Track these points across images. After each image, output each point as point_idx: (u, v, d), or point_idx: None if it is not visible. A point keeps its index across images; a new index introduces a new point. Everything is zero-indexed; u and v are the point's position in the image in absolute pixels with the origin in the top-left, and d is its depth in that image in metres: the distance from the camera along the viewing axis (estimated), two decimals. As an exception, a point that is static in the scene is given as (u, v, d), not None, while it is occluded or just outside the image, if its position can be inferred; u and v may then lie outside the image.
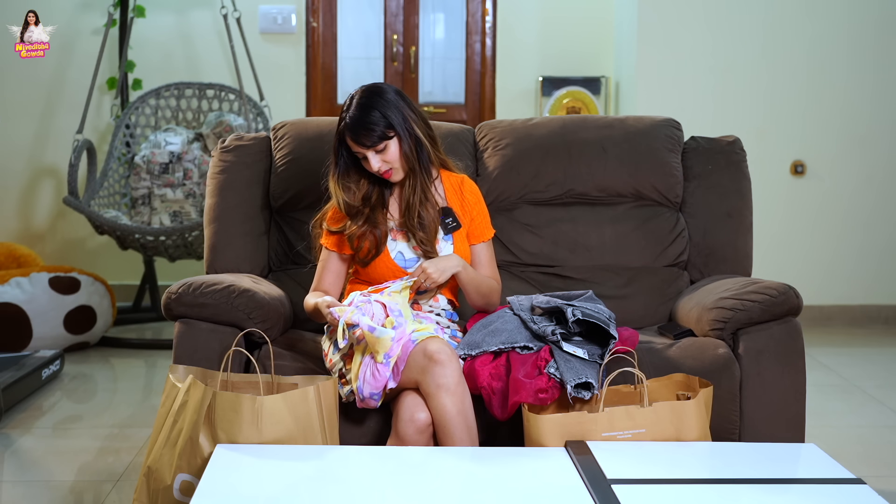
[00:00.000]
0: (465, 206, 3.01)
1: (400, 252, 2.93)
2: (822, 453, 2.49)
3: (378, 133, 2.82)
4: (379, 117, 2.82)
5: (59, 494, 3.29)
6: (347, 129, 2.85)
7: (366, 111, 2.83)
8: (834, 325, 5.89)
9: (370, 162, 2.85)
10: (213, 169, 3.40)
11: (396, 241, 2.94)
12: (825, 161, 5.82)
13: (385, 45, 6.16)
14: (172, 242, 5.24)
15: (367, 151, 2.84)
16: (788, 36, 5.75)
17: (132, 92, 5.93)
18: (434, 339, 2.68)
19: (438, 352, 2.62)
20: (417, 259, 2.93)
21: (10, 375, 4.22)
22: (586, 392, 2.63)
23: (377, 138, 2.82)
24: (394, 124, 2.84)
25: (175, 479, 2.56)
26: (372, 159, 2.85)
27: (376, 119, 2.82)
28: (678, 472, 2.35)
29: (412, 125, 2.88)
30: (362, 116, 2.83)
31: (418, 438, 2.60)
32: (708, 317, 2.99)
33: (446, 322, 2.95)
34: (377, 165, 2.85)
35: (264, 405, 2.51)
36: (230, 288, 2.91)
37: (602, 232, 3.41)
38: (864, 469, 3.44)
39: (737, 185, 3.45)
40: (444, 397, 2.58)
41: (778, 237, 5.76)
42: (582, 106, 6.01)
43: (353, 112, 2.84)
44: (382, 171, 2.87)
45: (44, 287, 5.03)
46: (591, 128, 3.51)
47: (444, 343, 2.67)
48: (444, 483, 2.32)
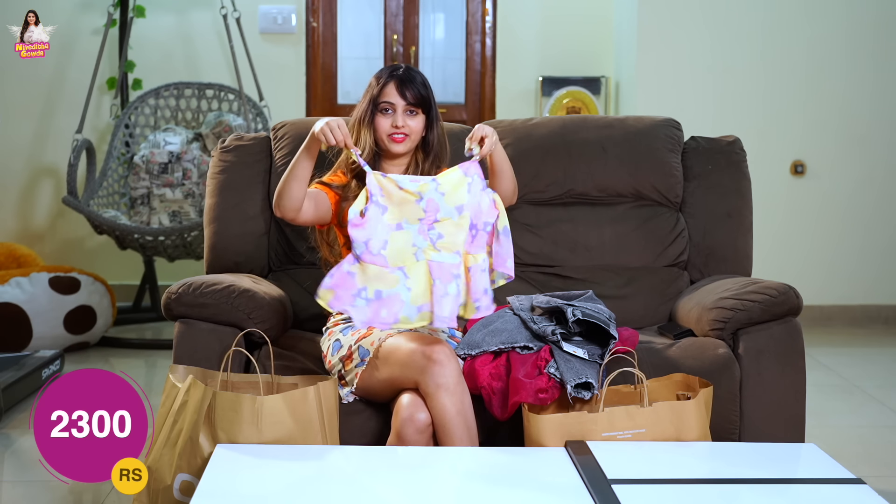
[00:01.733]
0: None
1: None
2: (822, 453, 2.49)
3: (422, 95, 2.86)
4: (425, 86, 2.88)
5: (59, 494, 3.29)
6: (395, 77, 2.86)
7: (418, 76, 2.89)
8: (834, 325, 5.89)
9: (398, 116, 2.85)
10: (213, 169, 3.40)
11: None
12: (825, 161, 5.82)
13: (385, 45, 6.16)
14: (171, 242, 5.24)
15: (401, 106, 2.85)
16: (788, 36, 5.75)
17: (132, 92, 5.93)
18: (432, 338, 2.68)
19: (437, 351, 2.62)
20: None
21: (10, 375, 4.22)
22: (586, 392, 2.63)
23: (418, 100, 2.85)
24: (432, 105, 2.90)
25: (175, 478, 2.56)
26: (400, 115, 2.85)
27: (425, 86, 2.88)
28: (678, 472, 2.35)
29: (439, 122, 2.94)
30: (414, 76, 2.87)
31: (418, 438, 2.60)
32: (708, 317, 2.99)
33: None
34: (402, 122, 2.85)
35: (264, 405, 2.51)
36: (230, 288, 2.91)
37: (602, 232, 3.41)
38: (864, 469, 3.44)
39: (737, 185, 3.45)
40: (443, 397, 2.58)
41: (778, 237, 5.76)
42: (582, 106, 6.01)
43: (405, 70, 2.88)
44: (401, 129, 2.85)
45: (44, 287, 5.02)
46: (591, 128, 3.51)
47: (443, 343, 2.67)
48: (444, 483, 2.32)
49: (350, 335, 2.81)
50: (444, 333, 2.89)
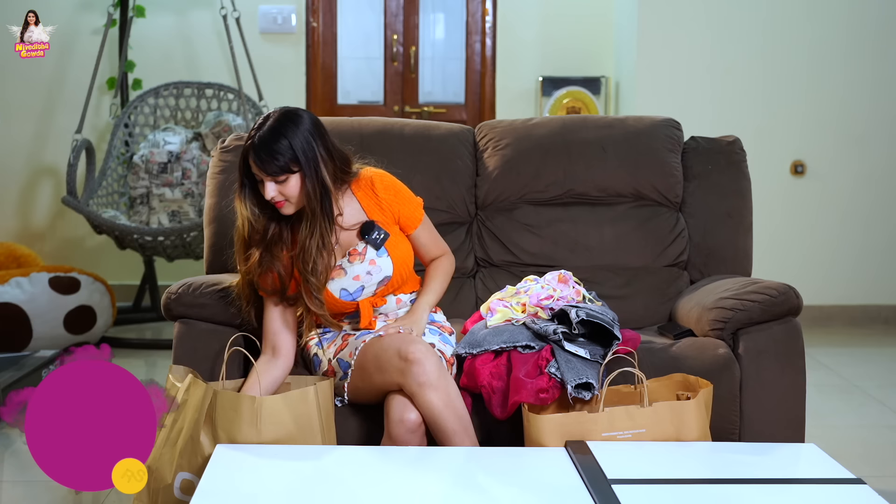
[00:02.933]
0: (385, 206, 2.85)
1: (344, 289, 2.81)
2: (822, 453, 2.49)
3: (281, 164, 2.65)
4: (286, 147, 2.65)
5: (59, 494, 3.29)
6: (252, 149, 2.66)
7: (275, 136, 2.66)
8: (834, 325, 5.89)
9: (266, 188, 2.67)
10: (212, 169, 3.40)
11: (334, 279, 2.80)
12: (825, 161, 5.82)
13: (385, 45, 6.16)
14: (171, 243, 5.24)
15: (267, 179, 2.67)
16: (788, 36, 5.75)
17: (132, 91, 5.93)
18: (406, 337, 2.67)
19: (413, 350, 2.59)
20: (362, 287, 2.80)
21: (10, 375, 4.21)
22: (587, 392, 2.63)
23: (279, 169, 2.65)
24: (300, 160, 2.67)
25: (175, 477, 2.56)
26: (268, 186, 2.67)
27: (283, 149, 2.65)
28: (678, 472, 2.35)
29: (320, 165, 2.69)
30: (270, 141, 2.65)
31: (410, 438, 2.59)
32: (708, 317, 2.99)
33: None
34: (272, 194, 2.67)
35: (263, 405, 2.51)
36: (230, 288, 2.90)
37: (602, 232, 3.41)
38: (864, 469, 3.44)
39: (737, 185, 3.45)
40: (428, 394, 2.57)
41: (778, 237, 5.76)
42: (582, 106, 6.01)
43: (262, 133, 2.66)
44: (276, 200, 2.69)
45: (44, 287, 5.02)
46: (591, 128, 3.51)
47: (418, 341, 2.65)
48: (444, 483, 2.32)
49: (326, 347, 2.81)
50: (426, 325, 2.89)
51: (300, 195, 2.70)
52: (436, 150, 3.42)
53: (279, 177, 2.66)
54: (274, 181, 2.67)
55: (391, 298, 2.89)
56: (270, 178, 2.67)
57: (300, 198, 2.71)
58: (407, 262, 2.87)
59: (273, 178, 2.67)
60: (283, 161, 2.65)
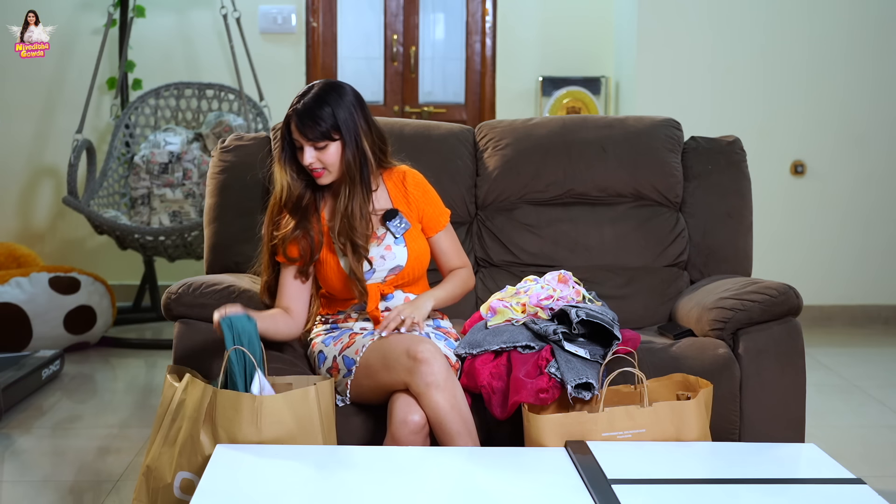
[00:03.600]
0: (411, 201, 2.92)
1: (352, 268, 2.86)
2: (822, 453, 2.49)
3: (323, 129, 2.74)
4: (329, 115, 2.74)
5: (59, 494, 3.29)
6: (295, 115, 2.76)
7: (318, 103, 2.75)
8: (834, 325, 5.89)
9: (305, 155, 2.76)
10: (213, 169, 3.40)
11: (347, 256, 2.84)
12: (825, 161, 5.83)
13: (385, 45, 6.16)
14: (172, 242, 5.24)
15: (306, 144, 2.77)
16: (788, 36, 5.75)
17: (132, 92, 5.93)
18: (416, 337, 2.67)
19: (422, 350, 2.60)
20: (373, 271, 2.85)
21: (10, 375, 4.22)
22: (587, 392, 2.63)
23: (320, 134, 2.74)
24: (341, 128, 2.76)
25: (175, 477, 2.56)
26: (307, 153, 2.76)
27: (326, 115, 2.74)
28: (678, 472, 2.35)
29: (361, 136, 2.79)
30: (313, 107, 2.74)
31: (413, 439, 2.59)
32: (708, 317, 2.99)
33: None
34: (310, 160, 2.76)
35: (263, 404, 2.51)
36: (230, 288, 2.91)
37: (602, 232, 3.41)
38: (864, 469, 3.44)
39: (737, 185, 3.45)
40: (434, 395, 2.57)
41: (778, 237, 5.76)
42: (582, 106, 6.01)
43: (307, 100, 2.76)
44: (314, 168, 2.78)
45: (44, 287, 5.02)
46: (591, 128, 3.51)
47: (426, 340, 2.65)
48: (444, 483, 2.32)
49: (332, 345, 2.82)
50: (429, 325, 2.89)
51: (339, 164, 2.79)
52: (436, 150, 3.42)
53: (319, 143, 2.75)
54: (314, 147, 2.76)
55: (399, 294, 2.90)
56: (311, 143, 2.76)
57: (339, 167, 2.79)
58: (421, 259, 2.90)
59: (313, 143, 2.75)
60: (325, 127, 2.74)
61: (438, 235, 2.96)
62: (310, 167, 2.79)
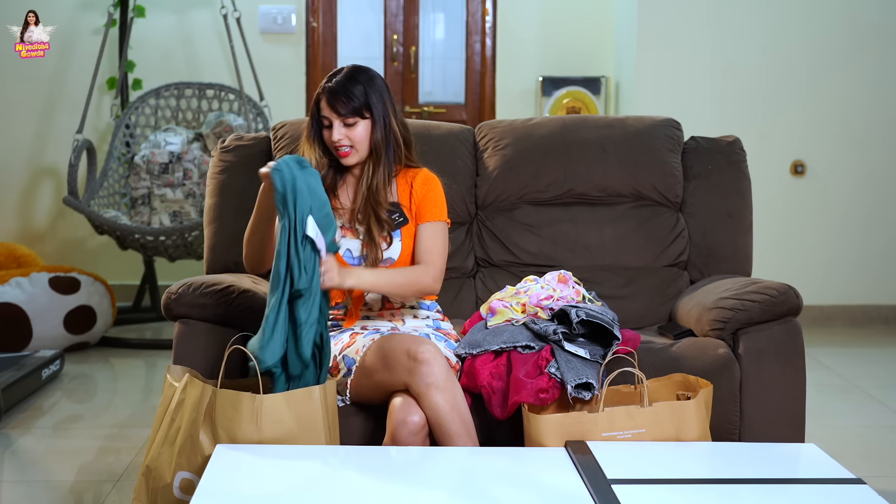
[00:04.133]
0: (414, 197, 2.91)
1: (348, 249, 2.86)
2: (822, 453, 2.49)
3: (354, 105, 2.78)
4: (361, 92, 2.79)
5: (59, 494, 3.29)
6: (326, 91, 2.80)
7: (351, 81, 2.80)
8: (834, 325, 5.89)
9: (333, 131, 2.80)
10: (213, 169, 3.40)
11: (346, 237, 2.87)
12: (825, 161, 5.83)
13: (385, 45, 6.16)
14: (172, 242, 5.24)
15: (336, 119, 2.80)
16: (788, 36, 5.75)
17: (132, 92, 5.93)
18: (416, 338, 2.67)
19: (422, 351, 2.60)
20: (362, 259, 2.85)
21: (10, 375, 4.22)
22: (586, 392, 2.63)
23: (351, 110, 2.78)
24: (372, 107, 2.80)
25: (175, 477, 2.56)
26: (336, 129, 2.80)
27: (358, 93, 2.79)
28: (678, 472, 2.35)
29: (390, 117, 2.84)
30: (346, 84, 2.79)
31: (413, 440, 2.59)
32: (708, 317, 2.99)
33: (424, 313, 2.94)
34: (339, 136, 2.79)
35: (264, 403, 2.51)
36: (230, 288, 2.91)
37: (602, 232, 3.41)
38: (864, 469, 3.44)
39: (737, 185, 3.45)
40: (434, 395, 2.57)
41: (778, 237, 5.76)
42: (582, 106, 6.01)
43: (338, 78, 2.81)
44: (341, 145, 2.81)
45: (44, 287, 5.03)
46: (591, 128, 3.51)
47: (427, 341, 2.65)
48: (445, 483, 2.32)
49: (333, 345, 2.81)
50: (429, 327, 2.89)
51: (367, 143, 2.83)
52: (436, 150, 3.42)
53: (349, 119, 2.79)
54: (343, 123, 2.79)
55: None
56: (341, 118, 2.79)
57: (366, 146, 2.83)
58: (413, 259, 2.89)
59: (343, 119, 2.79)
60: (357, 103, 2.78)
61: (422, 226, 2.89)
62: (338, 144, 2.81)
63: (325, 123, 2.83)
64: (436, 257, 2.86)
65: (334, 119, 2.80)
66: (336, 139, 2.80)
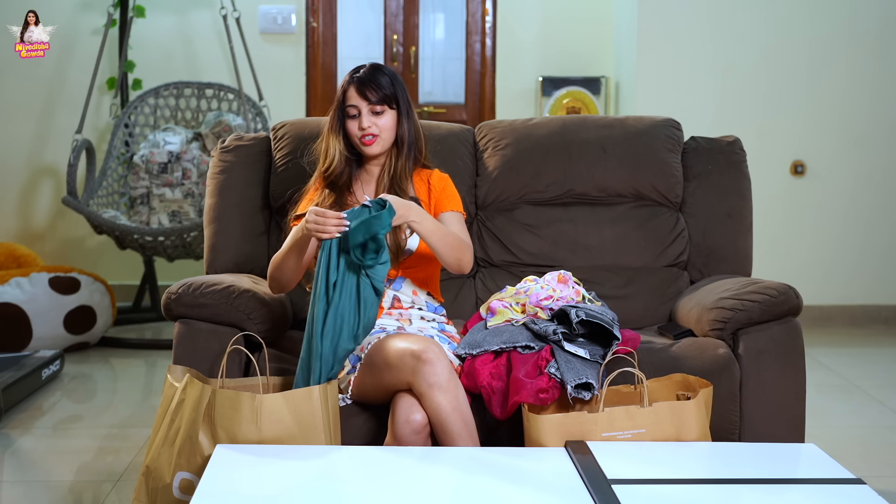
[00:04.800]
0: (432, 193, 2.98)
1: None
2: (822, 453, 2.49)
3: (384, 94, 2.86)
4: (388, 83, 2.88)
5: (59, 494, 3.29)
6: (356, 80, 2.88)
7: (379, 73, 2.89)
8: (834, 325, 5.89)
9: (362, 118, 2.86)
10: (212, 169, 3.40)
11: None
12: (825, 161, 5.83)
13: (385, 45, 6.16)
14: (171, 243, 5.24)
15: (365, 107, 2.86)
16: (788, 36, 5.75)
17: (132, 92, 5.93)
18: (420, 338, 2.67)
19: (426, 350, 2.60)
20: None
21: (10, 375, 4.22)
22: (586, 392, 2.63)
23: (381, 98, 2.86)
24: (399, 99, 2.89)
25: (174, 477, 2.56)
26: (365, 116, 2.86)
27: (386, 83, 2.88)
28: (678, 472, 2.35)
29: (413, 114, 2.94)
30: (375, 74, 2.88)
31: (415, 439, 2.59)
32: (708, 317, 2.99)
33: (430, 315, 2.94)
34: (367, 123, 2.86)
35: (263, 403, 2.51)
36: (230, 288, 2.91)
37: (602, 232, 3.41)
38: (864, 469, 3.44)
39: (737, 185, 3.45)
40: (437, 395, 2.57)
41: (778, 237, 5.76)
42: (582, 106, 6.01)
43: (367, 69, 2.90)
44: (368, 132, 2.86)
45: (44, 287, 5.03)
46: (591, 128, 3.51)
47: (431, 341, 2.66)
48: (444, 483, 2.32)
49: None
50: (434, 328, 2.89)
51: (392, 133, 2.90)
52: (436, 151, 3.42)
53: (378, 107, 2.86)
54: (371, 111, 2.86)
55: (408, 286, 2.92)
56: (370, 106, 2.86)
57: (391, 136, 2.90)
58: (431, 253, 2.88)
59: (372, 107, 2.86)
60: (387, 92, 2.86)
61: (445, 214, 2.94)
62: (366, 131, 2.86)
63: (350, 113, 2.89)
64: (468, 237, 2.96)
65: (363, 107, 2.87)
66: (365, 125, 2.86)
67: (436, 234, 2.77)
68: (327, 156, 2.94)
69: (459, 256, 2.83)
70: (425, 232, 2.76)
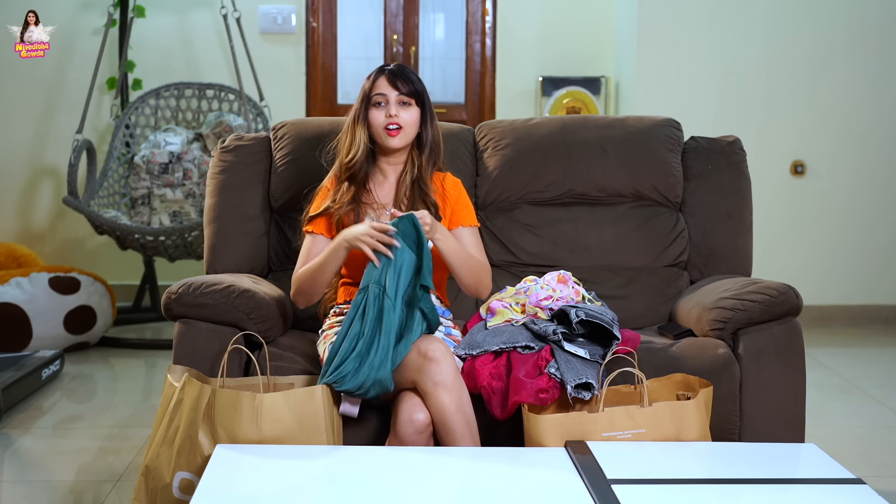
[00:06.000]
0: (447, 199, 2.99)
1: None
2: (822, 453, 2.49)
3: (413, 88, 2.91)
4: (417, 79, 2.93)
5: (59, 494, 3.29)
6: (387, 71, 2.92)
7: (410, 71, 2.95)
8: (834, 325, 5.89)
9: (390, 106, 2.89)
10: (213, 169, 3.40)
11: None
12: (825, 161, 5.83)
13: (385, 45, 6.16)
14: (172, 242, 5.24)
15: (394, 97, 2.89)
16: (788, 36, 5.75)
17: (132, 92, 5.93)
18: (428, 337, 2.68)
19: (433, 349, 2.61)
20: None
21: (10, 375, 4.22)
22: (586, 392, 2.63)
23: (410, 91, 2.90)
24: (425, 101, 2.94)
25: (174, 477, 2.56)
26: (392, 105, 2.89)
27: (417, 80, 2.93)
28: (678, 472, 2.35)
29: (436, 120, 2.99)
30: (406, 70, 2.93)
31: (417, 439, 2.60)
32: (708, 317, 2.99)
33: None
34: (395, 112, 2.88)
35: (264, 403, 2.51)
36: (230, 288, 2.91)
37: (602, 232, 3.41)
38: (864, 469, 3.44)
39: (737, 185, 3.45)
40: (441, 395, 2.58)
41: (778, 237, 5.76)
42: (582, 106, 6.01)
43: (396, 65, 2.95)
44: (393, 123, 2.89)
45: (44, 287, 5.03)
46: (591, 128, 3.51)
47: (439, 340, 2.66)
48: (445, 483, 2.32)
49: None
50: (441, 332, 2.89)
51: (415, 129, 2.93)
52: (436, 150, 3.42)
53: (406, 98, 2.90)
54: (400, 101, 2.90)
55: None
56: (399, 96, 2.90)
57: (414, 132, 2.93)
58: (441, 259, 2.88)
59: (401, 98, 2.90)
60: (416, 87, 2.91)
61: (461, 229, 2.97)
62: (392, 119, 2.89)
63: (377, 101, 2.91)
64: (485, 257, 3.00)
65: (392, 96, 2.90)
66: (393, 113, 2.88)
67: (457, 254, 2.84)
68: (351, 147, 2.95)
69: (478, 280, 2.90)
70: (448, 251, 2.82)
